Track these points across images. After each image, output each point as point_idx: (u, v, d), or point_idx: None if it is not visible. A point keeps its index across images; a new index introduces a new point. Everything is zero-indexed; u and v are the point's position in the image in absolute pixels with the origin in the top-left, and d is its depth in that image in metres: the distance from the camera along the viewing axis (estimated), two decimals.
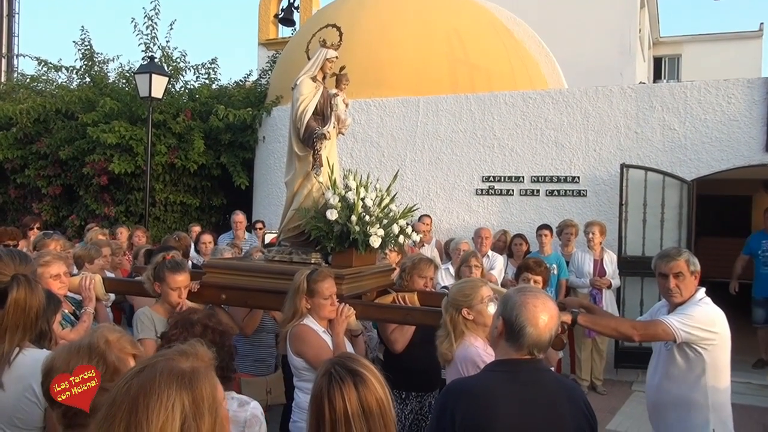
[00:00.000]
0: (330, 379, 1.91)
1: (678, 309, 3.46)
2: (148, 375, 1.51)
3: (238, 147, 10.82)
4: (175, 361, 1.56)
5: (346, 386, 1.89)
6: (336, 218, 4.11)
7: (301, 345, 3.53)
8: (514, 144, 8.78)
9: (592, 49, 15.73)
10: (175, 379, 1.51)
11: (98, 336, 2.04)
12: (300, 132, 4.40)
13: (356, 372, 1.92)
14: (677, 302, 3.48)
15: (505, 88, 9.25)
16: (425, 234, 8.25)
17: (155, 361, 1.56)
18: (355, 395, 1.88)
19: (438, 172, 9.14)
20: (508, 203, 8.76)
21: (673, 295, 3.47)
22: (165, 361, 1.56)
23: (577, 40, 15.58)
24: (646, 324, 3.44)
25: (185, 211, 11.14)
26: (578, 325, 3.35)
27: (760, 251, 7.79)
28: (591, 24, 16.18)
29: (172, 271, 3.95)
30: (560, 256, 7.50)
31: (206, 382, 1.54)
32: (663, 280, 3.50)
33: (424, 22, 9.97)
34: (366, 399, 1.89)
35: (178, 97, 11.67)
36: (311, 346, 3.52)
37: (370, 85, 9.41)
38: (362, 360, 2.00)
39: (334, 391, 1.89)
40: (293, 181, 4.50)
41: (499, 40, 10.27)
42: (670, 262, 3.48)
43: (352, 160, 9.36)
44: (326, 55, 4.51)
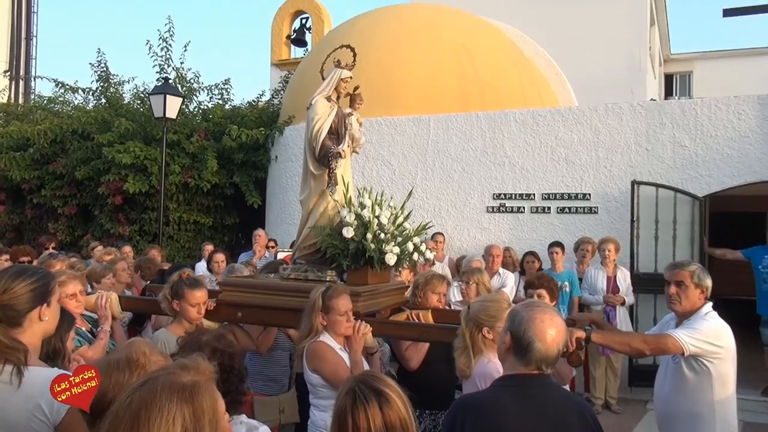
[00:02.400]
0: (354, 398, 1.91)
1: (685, 323, 3.52)
2: (150, 388, 1.53)
3: (250, 166, 10.90)
4: (176, 375, 1.58)
5: (371, 406, 1.89)
6: (352, 236, 4.12)
7: (318, 361, 3.54)
8: (524, 162, 8.80)
9: (602, 67, 15.77)
10: (176, 392, 1.52)
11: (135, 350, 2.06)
12: (315, 151, 4.43)
13: (380, 392, 1.92)
14: (676, 311, 3.59)
15: (516, 106, 9.29)
16: (438, 252, 8.26)
17: (157, 375, 1.58)
18: (380, 415, 1.88)
19: (449, 190, 9.16)
20: (519, 221, 8.76)
21: (671, 302, 3.59)
22: (166, 375, 1.58)
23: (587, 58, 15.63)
24: (656, 338, 3.48)
25: (198, 230, 11.20)
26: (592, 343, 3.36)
27: (761, 266, 7.64)
28: (601, 42, 16.24)
29: (191, 287, 3.97)
30: (573, 273, 7.47)
31: (207, 395, 1.56)
32: (666, 287, 3.63)
33: (434, 40, 10.05)
34: (390, 419, 1.89)
35: (192, 117, 11.79)
36: (328, 363, 3.52)
37: (382, 104, 9.47)
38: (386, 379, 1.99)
39: (358, 410, 1.89)
40: (308, 199, 4.52)
41: (509, 59, 10.33)
42: (674, 269, 3.63)
43: (364, 179, 9.40)
44: (341, 75, 4.55)
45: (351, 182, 4.59)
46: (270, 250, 9.11)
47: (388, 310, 4.43)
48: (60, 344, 2.77)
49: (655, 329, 3.93)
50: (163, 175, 10.16)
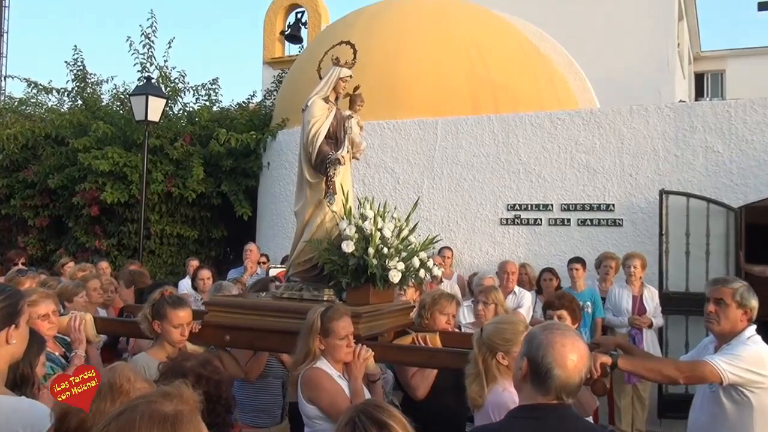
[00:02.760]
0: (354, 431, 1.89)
1: (725, 348, 3.48)
2: (128, 418, 1.50)
3: (240, 174, 10.91)
4: (157, 403, 1.55)
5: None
6: (352, 251, 4.11)
7: (315, 390, 3.51)
8: (541, 169, 8.79)
9: (626, 65, 15.80)
10: (156, 423, 1.50)
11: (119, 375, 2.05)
12: (311, 157, 4.43)
13: (383, 423, 1.90)
14: (714, 331, 3.58)
15: (531, 108, 9.30)
16: (446, 268, 8.24)
17: (136, 403, 1.56)
18: None
19: (458, 200, 9.16)
20: (535, 234, 8.74)
21: (708, 321, 3.58)
22: (146, 404, 1.55)
23: (609, 56, 15.66)
24: (692, 365, 3.44)
25: (182, 244, 11.20)
26: (618, 369, 3.33)
27: None
28: (625, 38, 16.27)
29: (174, 306, 3.95)
30: (595, 292, 7.44)
31: (190, 426, 1.53)
32: (705, 304, 3.62)
33: (442, 37, 10.08)
34: None
35: (176, 120, 11.83)
36: (326, 392, 3.49)
37: (385, 105, 9.49)
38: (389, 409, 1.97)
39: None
40: (304, 210, 4.52)
41: (523, 56, 10.35)
42: (714, 285, 3.63)
43: (365, 187, 9.39)
44: (339, 74, 4.56)
45: (351, 191, 4.58)
46: (261, 267, 9.09)
47: (391, 333, 4.41)
48: (29, 370, 2.75)
49: (692, 354, 3.89)
50: (144, 183, 10.17)
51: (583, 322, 6.59)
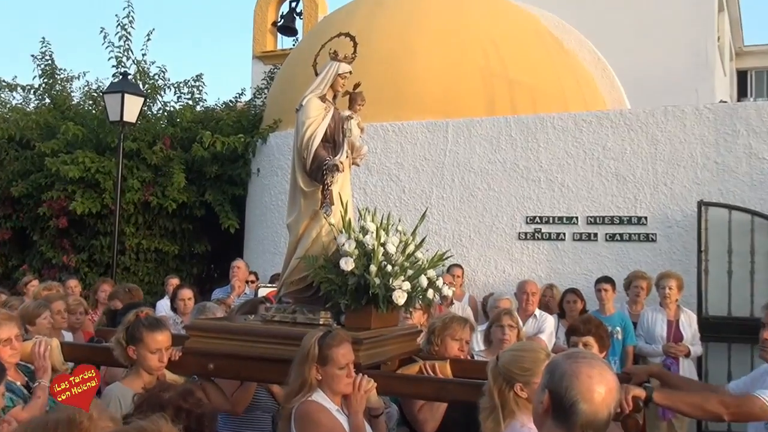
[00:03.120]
0: None
1: None
2: None
3: (226, 182, 10.92)
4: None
5: None
6: (351, 268, 4.10)
7: (310, 426, 3.49)
8: (565, 177, 8.79)
9: (659, 61, 15.82)
10: None
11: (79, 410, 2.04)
12: (306, 163, 4.44)
13: None
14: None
15: (554, 108, 9.31)
16: (456, 288, 8.22)
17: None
18: None
19: (471, 212, 9.15)
20: (558, 250, 8.73)
21: (763, 349, 3.58)
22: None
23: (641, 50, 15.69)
24: (740, 400, 3.39)
25: (161, 260, 11.20)
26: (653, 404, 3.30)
27: None
28: (658, 31, 16.30)
29: (152, 329, 3.94)
30: (625, 316, 7.42)
31: None
32: (761, 330, 3.61)
33: (454, 29, 10.11)
34: None
35: (156, 121, 11.86)
36: (323, 428, 3.48)
37: (389, 105, 9.50)
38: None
39: None
40: (297, 222, 4.51)
41: (545, 51, 10.37)
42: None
43: (366, 197, 9.40)
44: (338, 69, 4.57)
45: (350, 201, 4.58)
46: (250, 286, 9.08)
47: (396, 362, 4.40)
48: None
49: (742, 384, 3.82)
50: (118, 192, 10.18)
51: (611, 350, 6.55)
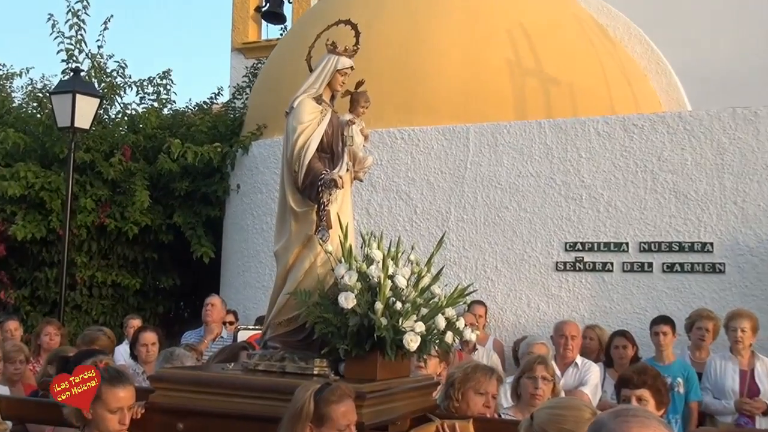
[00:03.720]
0: None
1: None
2: None
3: (199, 201, 10.93)
4: None
5: None
6: (353, 306, 4.10)
7: None
8: (612, 194, 8.78)
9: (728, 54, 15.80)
10: None
11: None
12: (298, 178, 4.44)
13: None
14: None
15: (598, 111, 9.32)
16: (480, 330, 8.18)
17: None
18: None
19: (498, 237, 9.14)
20: (605, 284, 8.70)
21: None
22: None
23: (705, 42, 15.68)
24: None
25: (119, 297, 11.18)
26: None
27: None
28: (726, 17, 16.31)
29: (111, 383, 3.92)
30: (688, 364, 7.38)
31: None
32: None
33: (475, 15, 10.14)
34: None
35: (114, 127, 11.89)
36: None
37: (397, 107, 9.52)
38: None
39: None
40: (287, 250, 4.52)
41: (586, 41, 10.39)
42: None
43: (369, 219, 9.40)
44: (337, 64, 4.59)
45: (351, 224, 4.59)
46: (227, 328, 9.07)
47: (407, 421, 4.37)
48: None
49: None
50: (68, 213, 10.18)
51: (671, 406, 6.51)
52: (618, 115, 9.07)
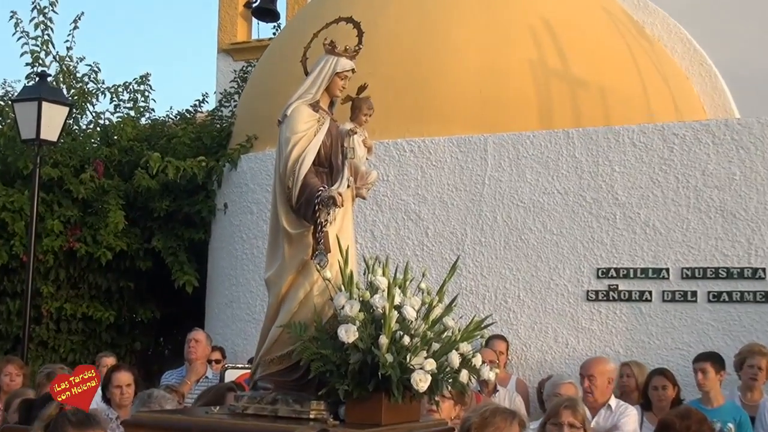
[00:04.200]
0: None
1: None
2: None
3: (181, 222, 10.95)
4: None
5: None
6: (354, 340, 4.11)
7: None
8: (649, 213, 8.77)
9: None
10: None
11: None
12: (292, 195, 4.46)
13: None
14: None
15: (633, 118, 9.31)
16: (501, 369, 8.17)
17: None
18: None
19: (520, 263, 9.13)
20: (642, 315, 8.67)
21: None
22: None
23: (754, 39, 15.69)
24: None
25: (91, 332, 11.17)
26: None
27: None
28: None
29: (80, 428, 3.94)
30: (739, 408, 7.36)
31: None
32: None
33: (493, 9, 10.16)
34: None
35: (85, 139, 11.91)
36: None
37: (406, 115, 9.54)
38: None
39: None
40: (280, 277, 4.53)
41: (620, 39, 10.41)
42: None
43: (374, 242, 9.40)
44: (336, 66, 4.61)
45: (353, 248, 4.59)
46: (213, 367, 9.07)
47: None
48: None
49: None
50: (32, 236, 10.19)
51: None
52: (656, 124, 9.06)
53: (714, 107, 10.78)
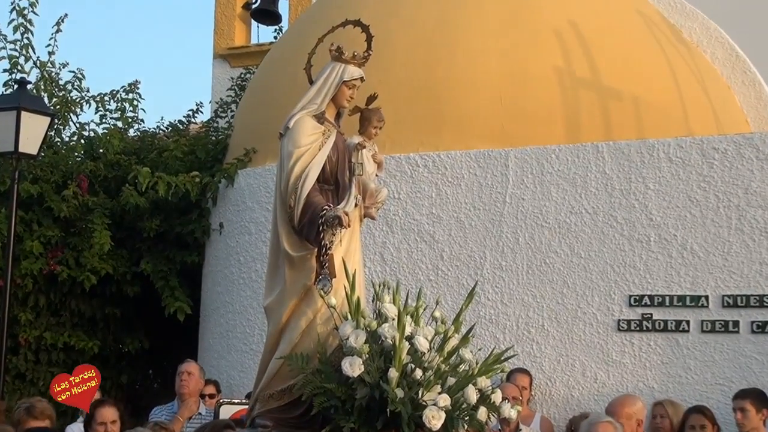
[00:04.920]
0: None
1: None
2: None
3: (173, 243, 10.98)
4: None
5: None
6: (360, 374, 4.12)
7: None
8: (687, 235, 8.77)
9: None
10: None
11: None
12: (294, 214, 4.48)
13: None
14: None
15: (669, 131, 9.32)
16: (523, 405, 8.17)
17: None
18: None
19: (545, 289, 9.12)
20: (679, 347, 8.66)
21: None
22: None
23: None
24: None
25: (73, 363, 11.06)
26: None
27: None
28: None
29: None
30: None
31: None
32: None
33: (516, 12, 10.18)
34: None
35: (68, 152, 11.95)
36: None
37: (419, 127, 9.56)
38: None
39: None
40: (280, 304, 4.55)
41: (655, 45, 10.43)
42: None
43: (384, 266, 9.42)
44: (343, 74, 4.63)
45: (360, 273, 4.61)
46: (207, 402, 9.09)
47: None
48: None
49: None
50: (9, 258, 10.23)
51: None
52: (695, 137, 9.06)
53: (758, 119, 10.78)
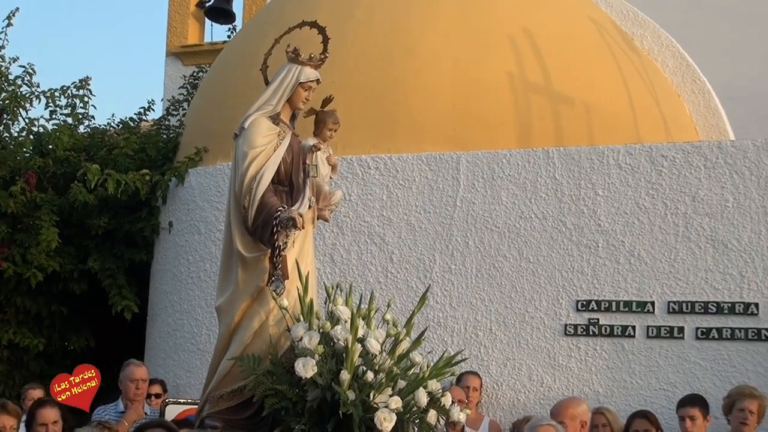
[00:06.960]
0: None
1: None
2: None
3: (121, 242, 10.90)
4: None
5: None
6: (312, 375, 4.12)
7: None
8: (634, 242, 8.83)
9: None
10: None
11: None
12: (248, 215, 4.48)
13: None
14: None
15: (619, 138, 9.37)
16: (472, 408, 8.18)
17: None
18: None
19: (494, 293, 9.15)
20: (624, 352, 8.71)
21: None
22: None
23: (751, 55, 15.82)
24: None
25: (17, 361, 11.07)
26: None
27: None
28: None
29: None
30: None
31: None
32: None
33: (470, 17, 10.19)
34: None
35: (16, 148, 11.85)
36: None
37: (372, 129, 9.56)
38: None
39: None
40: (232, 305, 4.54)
41: (607, 52, 10.49)
42: None
43: (335, 268, 9.40)
44: (299, 76, 4.64)
45: (313, 275, 4.61)
46: (152, 402, 9.03)
47: None
48: None
49: None
50: None
51: None
52: (644, 144, 9.11)
53: (707, 128, 10.88)
